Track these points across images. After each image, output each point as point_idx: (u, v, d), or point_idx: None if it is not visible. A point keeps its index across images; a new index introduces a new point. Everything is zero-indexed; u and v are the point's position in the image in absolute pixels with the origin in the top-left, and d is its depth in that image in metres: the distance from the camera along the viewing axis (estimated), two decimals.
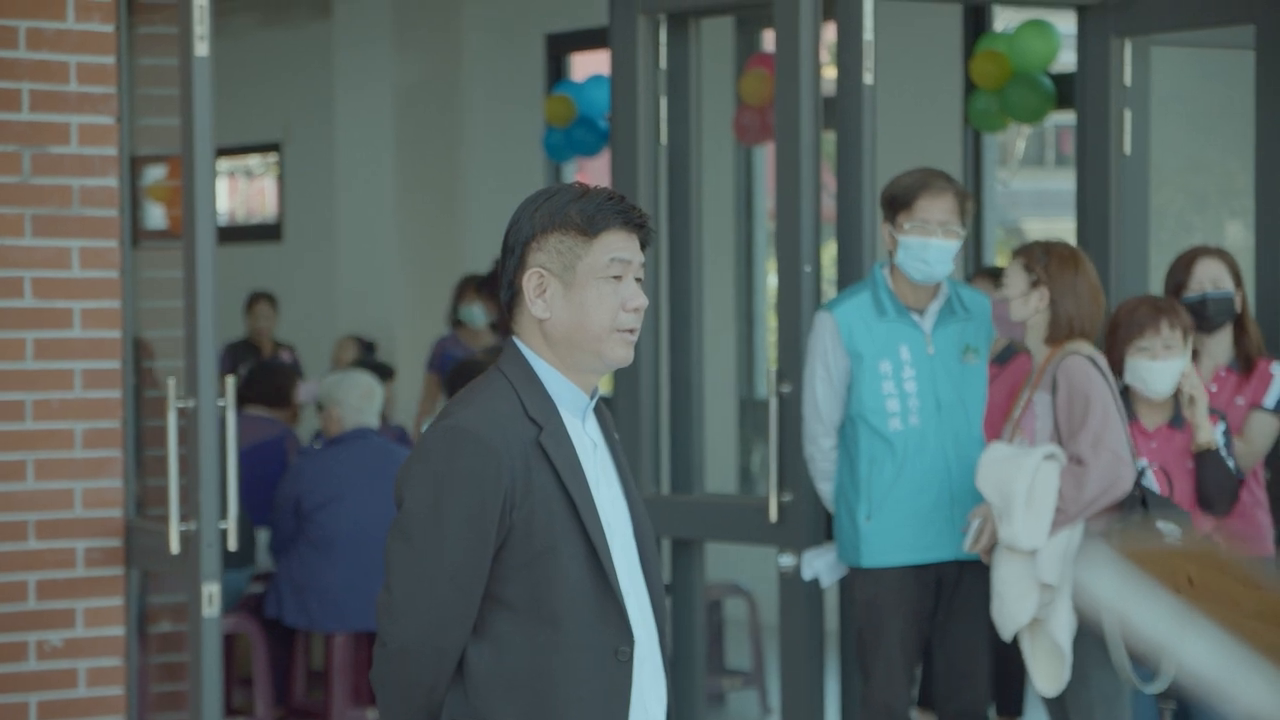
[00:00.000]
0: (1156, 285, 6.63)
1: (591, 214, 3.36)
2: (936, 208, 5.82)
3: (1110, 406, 5.57)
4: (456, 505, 3.29)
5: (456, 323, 10.57)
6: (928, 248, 5.81)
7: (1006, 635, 5.63)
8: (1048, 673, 5.58)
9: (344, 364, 10.43)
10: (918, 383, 5.86)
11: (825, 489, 6.01)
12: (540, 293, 3.38)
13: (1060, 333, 5.70)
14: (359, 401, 7.78)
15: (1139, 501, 5.53)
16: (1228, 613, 2.80)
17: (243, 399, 8.09)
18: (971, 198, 6.04)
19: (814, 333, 5.95)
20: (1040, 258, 5.71)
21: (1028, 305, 5.73)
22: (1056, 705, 5.68)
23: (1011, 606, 5.57)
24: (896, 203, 5.86)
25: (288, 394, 8.49)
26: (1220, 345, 6.16)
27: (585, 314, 3.36)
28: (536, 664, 3.33)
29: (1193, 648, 2.83)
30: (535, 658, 3.33)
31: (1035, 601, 5.54)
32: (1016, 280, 5.75)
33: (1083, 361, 5.62)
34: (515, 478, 3.30)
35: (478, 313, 10.42)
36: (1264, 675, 2.78)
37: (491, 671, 3.34)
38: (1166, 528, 5.36)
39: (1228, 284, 6.10)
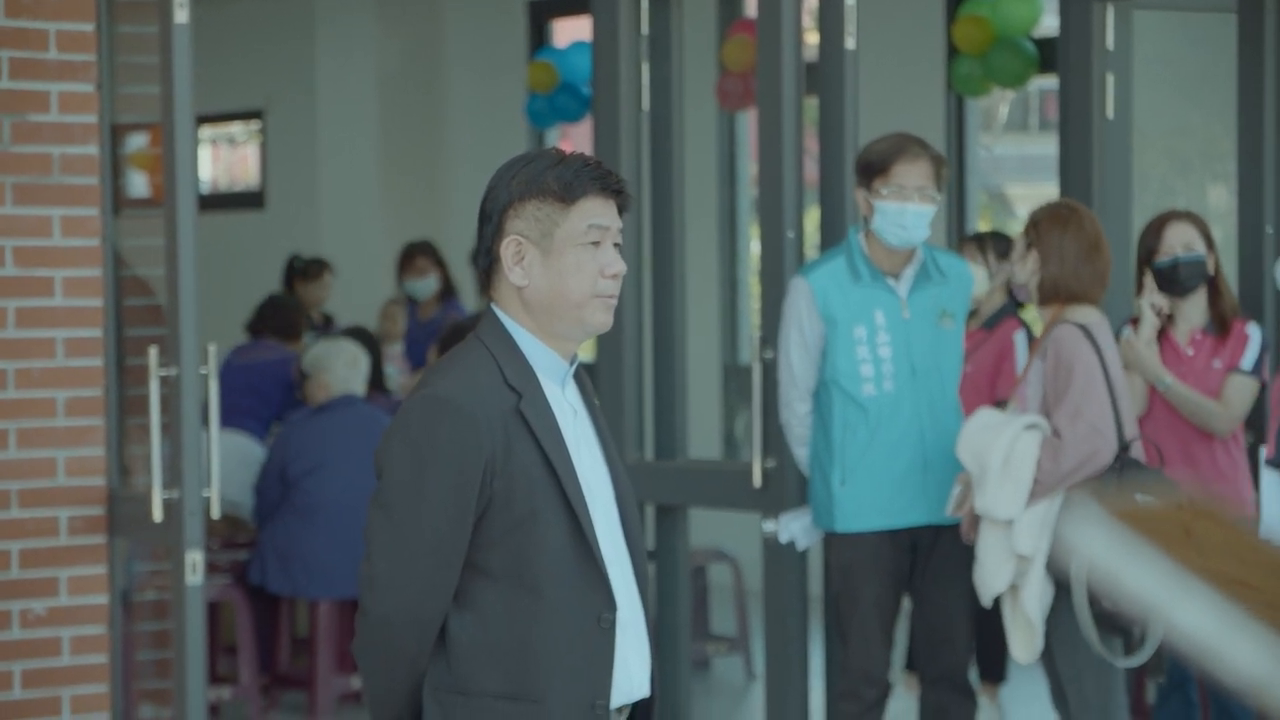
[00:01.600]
0: None
1: (569, 180, 3.34)
2: (913, 173, 5.80)
3: (1094, 378, 5.47)
4: (436, 475, 3.28)
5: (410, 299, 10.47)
6: (905, 213, 5.79)
7: (985, 601, 5.62)
8: (1025, 641, 5.56)
9: (393, 331, 10.37)
10: (892, 348, 5.84)
11: (801, 454, 6.01)
12: (518, 260, 3.37)
13: (1046, 296, 5.61)
14: (344, 370, 7.79)
15: (1116, 472, 5.43)
16: (1224, 573, 2.76)
17: (256, 330, 9.10)
18: (947, 163, 6.03)
19: (788, 299, 5.94)
20: (1035, 219, 5.67)
21: (1026, 268, 5.68)
22: (1051, 672, 5.65)
23: (988, 575, 5.54)
24: (872, 168, 5.84)
25: (298, 327, 9.13)
26: (1195, 308, 6.16)
27: (564, 281, 3.35)
28: (519, 632, 3.32)
29: (1186, 610, 2.78)
30: (517, 626, 3.32)
31: (1011, 570, 5.51)
32: (1019, 243, 5.72)
33: (1072, 330, 5.52)
34: (495, 446, 3.29)
35: (421, 286, 10.31)
36: (1258, 637, 2.74)
37: (474, 640, 3.33)
38: (1143, 499, 5.25)
39: (1199, 247, 6.10)
